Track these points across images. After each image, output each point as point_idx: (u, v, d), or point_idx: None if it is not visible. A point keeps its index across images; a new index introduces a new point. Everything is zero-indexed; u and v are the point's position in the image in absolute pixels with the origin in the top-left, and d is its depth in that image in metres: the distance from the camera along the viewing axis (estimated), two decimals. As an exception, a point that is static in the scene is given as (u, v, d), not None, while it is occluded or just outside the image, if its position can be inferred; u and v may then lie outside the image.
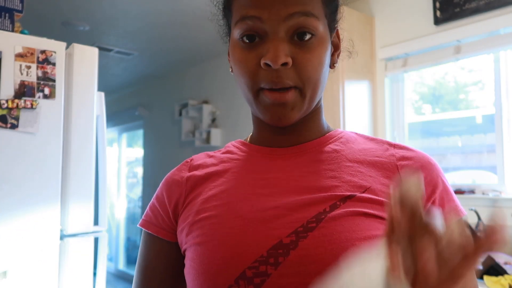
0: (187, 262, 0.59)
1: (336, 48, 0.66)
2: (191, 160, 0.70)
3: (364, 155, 0.62)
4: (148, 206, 0.69)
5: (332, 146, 0.64)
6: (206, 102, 4.16)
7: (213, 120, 4.06)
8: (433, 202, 0.57)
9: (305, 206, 0.56)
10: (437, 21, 2.35)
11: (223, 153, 0.69)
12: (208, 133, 3.99)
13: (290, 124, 0.60)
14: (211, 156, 0.69)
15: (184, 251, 0.61)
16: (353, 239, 0.52)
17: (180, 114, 4.37)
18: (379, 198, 0.56)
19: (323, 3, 0.59)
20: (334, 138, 0.65)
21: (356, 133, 0.68)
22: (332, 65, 0.64)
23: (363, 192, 0.56)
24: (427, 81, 2.65)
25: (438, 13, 2.35)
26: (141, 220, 0.68)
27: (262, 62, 0.55)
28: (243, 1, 0.58)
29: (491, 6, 2.14)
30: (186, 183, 0.65)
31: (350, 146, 0.64)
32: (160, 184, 0.70)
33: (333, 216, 0.54)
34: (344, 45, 0.69)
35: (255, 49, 0.57)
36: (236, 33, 0.58)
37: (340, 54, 0.67)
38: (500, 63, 2.22)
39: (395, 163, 0.60)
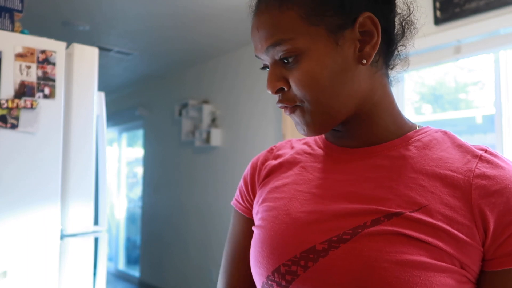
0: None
1: (369, 38, 0.57)
2: (275, 147, 0.75)
3: (435, 166, 0.55)
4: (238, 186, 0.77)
5: (402, 151, 0.58)
6: (206, 102, 4.16)
7: (213, 120, 4.06)
8: (510, 237, 0.49)
9: (346, 216, 0.55)
10: (437, 21, 2.35)
11: (302, 143, 0.72)
12: (208, 133, 3.99)
13: (317, 134, 0.61)
14: (292, 147, 0.72)
15: None
16: (382, 261, 0.49)
17: (180, 114, 4.37)
18: (432, 220, 0.50)
19: (301, 17, 0.55)
20: (411, 141, 0.59)
21: (447, 134, 0.61)
22: (360, 61, 0.57)
23: (416, 211, 0.51)
24: (427, 81, 2.65)
25: (438, 13, 2.35)
26: (233, 199, 0.76)
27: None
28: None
29: (491, 6, 2.14)
30: (265, 169, 0.71)
31: (424, 153, 0.57)
32: (247, 166, 0.76)
33: (370, 232, 0.52)
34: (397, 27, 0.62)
35: None
36: None
37: (378, 43, 0.57)
38: (500, 63, 2.22)
39: (470, 181, 0.52)
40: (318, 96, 0.57)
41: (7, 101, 1.58)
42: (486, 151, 0.56)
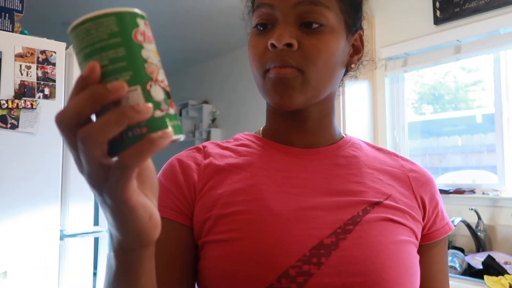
0: (208, 259, 0.56)
1: (357, 51, 0.66)
2: (204, 147, 0.65)
3: (380, 164, 0.65)
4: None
5: (349, 151, 0.66)
6: (206, 102, 4.16)
7: (213, 120, 4.06)
8: (437, 215, 0.64)
9: (339, 208, 0.58)
10: (437, 21, 2.35)
11: (237, 145, 0.66)
12: (208, 133, 3.99)
13: (293, 108, 0.59)
14: (224, 148, 0.66)
15: (203, 244, 0.57)
16: (386, 243, 0.56)
17: (180, 114, 4.38)
18: (399, 205, 0.60)
19: None
20: (349, 144, 0.67)
21: (364, 141, 0.70)
22: (349, 66, 0.65)
23: (386, 199, 0.60)
24: (427, 81, 2.65)
25: (438, 13, 2.35)
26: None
27: (268, 43, 0.58)
28: None
29: (491, 6, 2.14)
30: (204, 170, 0.61)
31: (364, 153, 0.67)
32: (170, 166, 0.63)
33: (367, 220, 0.57)
34: (368, 52, 0.71)
35: (266, 35, 0.60)
36: (253, 21, 0.62)
37: (361, 59, 0.68)
38: (500, 63, 2.22)
39: (406, 174, 0.65)
40: (320, 69, 0.58)
41: (7, 101, 1.58)
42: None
